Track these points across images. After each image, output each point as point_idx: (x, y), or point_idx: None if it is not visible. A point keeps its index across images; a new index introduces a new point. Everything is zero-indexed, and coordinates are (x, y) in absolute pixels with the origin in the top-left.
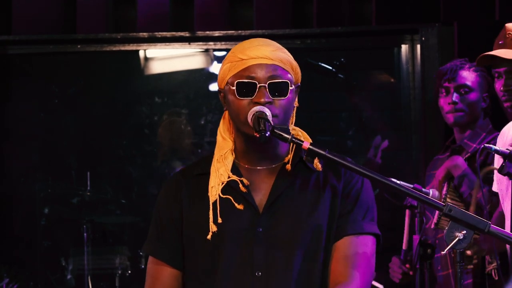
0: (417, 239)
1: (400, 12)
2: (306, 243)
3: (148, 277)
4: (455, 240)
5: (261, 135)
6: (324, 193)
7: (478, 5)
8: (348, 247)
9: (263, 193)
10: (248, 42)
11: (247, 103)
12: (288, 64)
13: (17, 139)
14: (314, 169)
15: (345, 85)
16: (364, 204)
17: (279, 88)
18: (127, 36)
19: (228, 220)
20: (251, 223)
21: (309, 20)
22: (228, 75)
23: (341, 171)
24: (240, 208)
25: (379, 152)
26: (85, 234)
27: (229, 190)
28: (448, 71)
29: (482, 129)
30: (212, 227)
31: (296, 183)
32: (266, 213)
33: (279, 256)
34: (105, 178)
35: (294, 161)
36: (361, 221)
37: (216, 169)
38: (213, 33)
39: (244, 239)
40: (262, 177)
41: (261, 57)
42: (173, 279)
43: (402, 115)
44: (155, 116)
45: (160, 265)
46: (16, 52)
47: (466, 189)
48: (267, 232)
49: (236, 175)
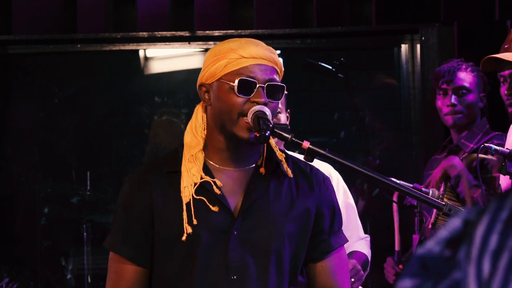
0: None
1: (400, 12)
2: (279, 249)
3: (110, 275)
4: None
5: (262, 135)
6: (298, 200)
7: (478, 5)
8: (334, 263)
9: (237, 196)
10: (244, 41)
11: (243, 101)
12: (279, 68)
13: (17, 139)
14: (286, 174)
15: (345, 85)
16: (338, 213)
17: (275, 91)
18: (127, 35)
19: (203, 221)
20: (226, 226)
21: (309, 20)
22: (223, 71)
23: (311, 178)
24: (215, 210)
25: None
26: (85, 234)
27: (202, 191)
28: (446, 73)
29: (479, 129)
30: (187, 228)
31: (270, 187)
32: (241, 217)
33: (254, 260)
34: (105, 178)
35: (268, 164)
36: (339, 233)
37: (187, 169)
38: (213, 33)
39: (219, 241)
40: (235, 179)
41: (262, 57)
42: (138, 277)
43: (402, 115)
44: (155, 116)
45: (124, 263)
46: (16, 52)
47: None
48: (242, 235)
49: (208, 175)
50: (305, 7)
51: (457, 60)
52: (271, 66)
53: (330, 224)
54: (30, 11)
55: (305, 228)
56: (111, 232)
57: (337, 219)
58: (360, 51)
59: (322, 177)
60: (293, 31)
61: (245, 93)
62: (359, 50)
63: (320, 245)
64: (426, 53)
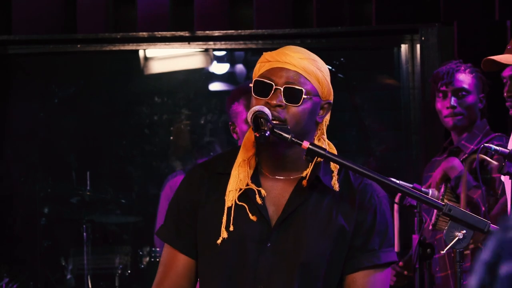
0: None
1: (400, 12)
2: (308, 263)
3: (161, 265)
4: (455, 239)
5: (261, 135)
6: (337, 216)
7: (478, 5)
8: (365, 281)
9: (277, 206)
10: (282, 48)
11: (262, 103)
12: (312, 76)
13: (17, 139)
14: (331, 188)
15: (345, 85)
16: (380, 231)
17: (292, 94)
18: (127, 35)
19: (239, 229)
20: (261, 236)
21: (309, 20)
22: (255, 75)
23: (356, 194)
24: (253, 219)
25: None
26: (85, 234)
27: (245, 198)
28: (445, 75)
29: (480, 130)
30: (223, 233)
31: (310, 200)
32: (277, 229)
33: (282, 272)
34: (105, 178)
35: (312, 176)
36: (378, 251)
37: (237, 173)
38: (213, 33)
39: (252, 251)
40: (279, 188)
41: (285, 61)
42: (187, 269)
43: (402, 115)
44: (155, 116)
45: (175, 253)
46: (16, 52)
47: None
48: (274, 247)
49: (255, 183)
50: (305, 7)
51: (456, 62)
52: (294, 70)
53: (365, 241)
54: (30, 11)
55: (341, 245)
56: (164, 222)
57: (375, 237)
58: (360, 51)
59: (370, 193)
60: (293, 31)
61: (261, 95)
62: (359, 50)
63: (352, 261)
64: (426, 53)
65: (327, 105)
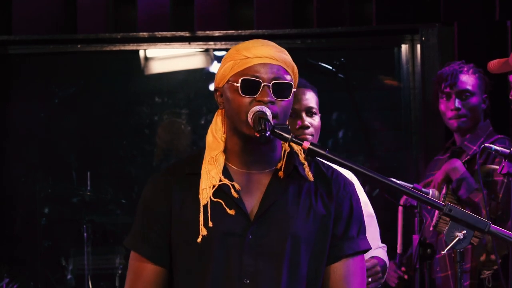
0: (416, 239)
1: (400, 12)
2: (294, 254)
3: (130, 273)
4: (455, 240)
5: (262, 135)
6: (316, 205)
7: (478, 5)
8: (346, 269)
9: (255, 199)
10: (251, 42)
11: (249, 101)
12: (290, 67)
13: (17, 139)
14: (306, 178)
15: (345, 85)
16: (357, 219)
17: (282, 89)
18: (127, 36)
19: (219, 224)
20: (241, 230)
21: (309, 20)
22: (230, 73)
23: (331, 182)
24: (231, 213)
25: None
26: (85, 234)
27: (220, 193)
28: (449, 76)
29: (483, 131)
30: (202, 231)
31: (288, 191)
32: (257, 221)
33: (267, 265)
34: (105, 178)
35: (287, 168)
36: (356, 239)
37: (207, 171)
38: (213, 33)
39: (234, 245)
40: (254, 182)
41: (266, 56)
42: (156, 276)
43: (402, 115)
44: (155, 116)
45: (143, 261)
46: (16, 52)
47: (464, 192)
48: (257, 240)
49: (227, 178)
50: (305, 7)
51: (459, 63)
52: (277, 64)
53: (345, 230)
54: (30, 11)
55: (323, 233)
56: (132, 231)
57: (353, 225)
58: (360, 51)
59: (343, 182)
60: (293, 31)
61: (249, 93)
62: (359, 50)
63: (333, 249)
64: (426, 53)
65: (293, 94)
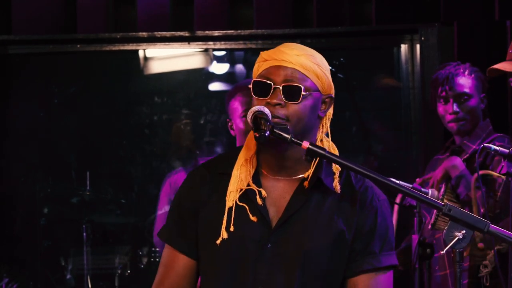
0: (416, 238)
1: (400, 12)
2: (306, 267)
3: (161, 266)
4: (455, 239)
5: (261, 135)
6: (338, 219)
7: (478, 5)
8: (365, 285)
9: (278, 207)
10: (280, 45)
11: (261, 103)
12: (311, 71)
13: (17, 139)
14: (332, 190)
15: (345, 85)
16: (381, 235)
17: (291, 92)
18: (127, 35)
19: (240, 229)
20: (261, 237)
21: (309, 20)
22: (254, 75)
23: (357, 196)
24: (254, 220)
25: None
26: (85, 234)
27: (246, 198)
28: (445, 80)
29: (482, 130)
30: (223, 233)
31: (311, 202)
32: (277, 230)
33: (281, 275)
34: (105, 178)
35: (314, 178)
36: (378, 255)
37: (238, 173)
38: (213, 33)
39: (252, 252)
40: (280, 189)
41: (282, 59)
42: (187, 269)
43: (402, 115)
44: (155, 116)
45: (176, 254)
46: (16, 52)
47: (463, 190)
48: (274, 248)
49: (256, 183)
50: (305, 7)
51: (454, 64)
52: (291, 67)
53: (366, 245)
54: (30, 11)
55: (341, 248)
56: (166, 224)
57: (376, 240)
58: (360, 51)
59: (371, 196)
60: (293, 31)
61: (261, 95)
62: (359, 50)
63: (352, 264)
64: (426, 53)
65: (328, 99)
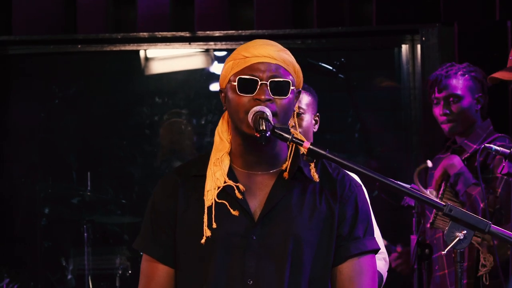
0: (414, 239)
1: (400, 12)
2: (296, 255)
3: (142, 277)
4: (455, 240)
5: (262, 135)
6: (320, 206)
7: (478, 5)
8: (353, 269)
9: (259, 200)
10: (252, 42)
11: (248, 100)
12: (291, 66)
13: (17, 139)
14: (311, 179)
15: (345, 86)
16: (363, 220)
17: (280, 87)
18: (127, 36)
19: (223, 225)
20: (245, 231)
21: (309, 20)
22: (230, 73)
23: (336, 183)
24: (235, 214)
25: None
26: (86, 234)
27: (224, 195)
28: (434, 82)
29: (483, 130)
30: (206, 232)
31: (293, 192)
32: (261, 222)
33: (270, 266)
34: (105, 178)
35: (292, 169)
36: (362, 239)
37: (212, 173)
38: (213, 33)
39: (237, 246)
40: (258, 183)
41: (264, 55)
42: (168, 278)
43: (402, 115)
44: (155, 116)
45: (154, 263)
46: (16, 52)
47: (461, 187)
48: (260, 240)
49: (232, 179)
50: (305, 7)
51: (447, 66)
52: (275, 63)
53: (350, 230)
54: (30, 11)
55: (328, 234)
56: (141, 233)
57: (359, 225)
58: (360, 51)
59: (349, 183)
60: (293, 31)
61: (247, 92)
62: (359, 50)
63: (339, 250)
64: (427, 53)
65: (298, 93)
